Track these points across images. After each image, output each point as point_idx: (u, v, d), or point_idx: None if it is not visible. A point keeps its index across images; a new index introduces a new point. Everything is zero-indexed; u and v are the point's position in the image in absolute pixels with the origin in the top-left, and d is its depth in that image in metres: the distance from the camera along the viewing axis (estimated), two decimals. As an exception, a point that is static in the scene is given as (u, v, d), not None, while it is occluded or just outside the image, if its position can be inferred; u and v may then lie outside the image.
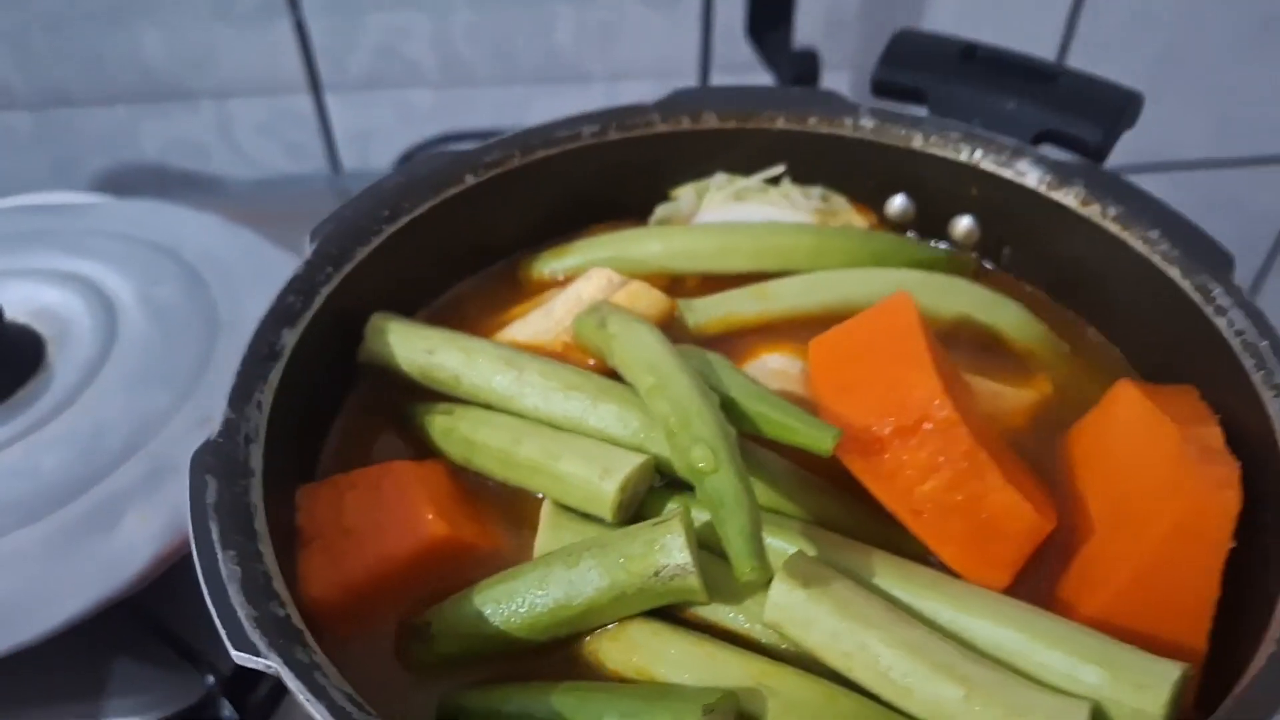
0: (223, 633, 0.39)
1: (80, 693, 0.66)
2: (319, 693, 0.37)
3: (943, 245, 0.71)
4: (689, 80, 1.08)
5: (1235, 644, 0.46)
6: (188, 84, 1.05)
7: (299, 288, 0.56)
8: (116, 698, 0.65)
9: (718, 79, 1.08)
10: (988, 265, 0.71)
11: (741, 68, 1.05)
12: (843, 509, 0.52)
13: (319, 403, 0.58)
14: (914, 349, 0.52)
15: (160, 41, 1.01)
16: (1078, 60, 1.17)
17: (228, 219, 0.86)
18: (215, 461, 0.46)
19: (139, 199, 0.94)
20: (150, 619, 0.68)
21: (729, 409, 0.51)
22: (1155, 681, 0.41)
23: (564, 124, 0.68)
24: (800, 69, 0.96)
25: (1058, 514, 0.52)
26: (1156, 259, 0.59)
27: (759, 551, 0.43)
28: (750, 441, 0.53)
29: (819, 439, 0.47)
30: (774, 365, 0.62)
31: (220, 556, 0.42)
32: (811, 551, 0.48)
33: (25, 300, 0.74)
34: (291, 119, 1.07)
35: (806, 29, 1.01)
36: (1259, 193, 1.34)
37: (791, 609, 0.44)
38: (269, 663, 0.38)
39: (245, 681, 0.66)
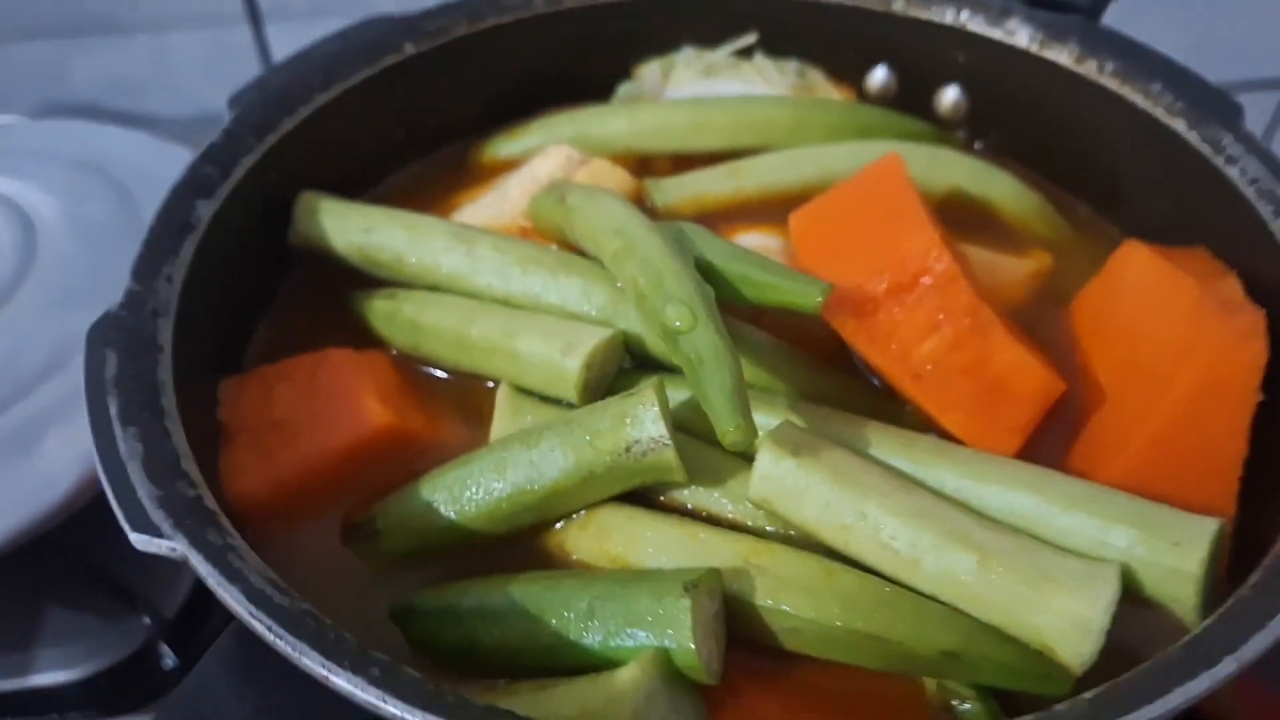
0: (119, 513, 0.33)
1: (8, 645, 0.59)
2: (234, 576, 0.32)
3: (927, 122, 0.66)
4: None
5: (1266, 506, 0.42)
6: (120, 16, 0.97)
7: (216, 157, 0.49)
8: (48, 648, 0.59)
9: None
10: (975, 145, 0.66)
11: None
12: (834, 384, 0.47)
13: (245, 288, 0.52)
14: (907, 204, 0.47)
15: None
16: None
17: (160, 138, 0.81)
18: (116, 335, 0.40)
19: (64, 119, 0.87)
20: (80, 560, 0.61)
21: (706, 273, 0.45)
22: (1191, 538, 0.37)
23: (510, -9, 0.62)
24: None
25: (1066, 386, 0.48)
26: (1159, 113, 0.54)
27: (743, 408, 0.38)
28: (731, 317, 0.47)
29: (807, 294, 0.42)
30: (751, 244, 0.56)
31: (119, 434, 0.36)
32: (801, 423, 0.43)
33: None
34: (231, 52, 0.99)
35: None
36: None
37: (780, 480, 0.39)
38: (173, 545, 0.32)
39: (188, 624, 0.60)
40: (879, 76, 0.66)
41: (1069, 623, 0.35)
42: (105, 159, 0.78)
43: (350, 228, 0.52)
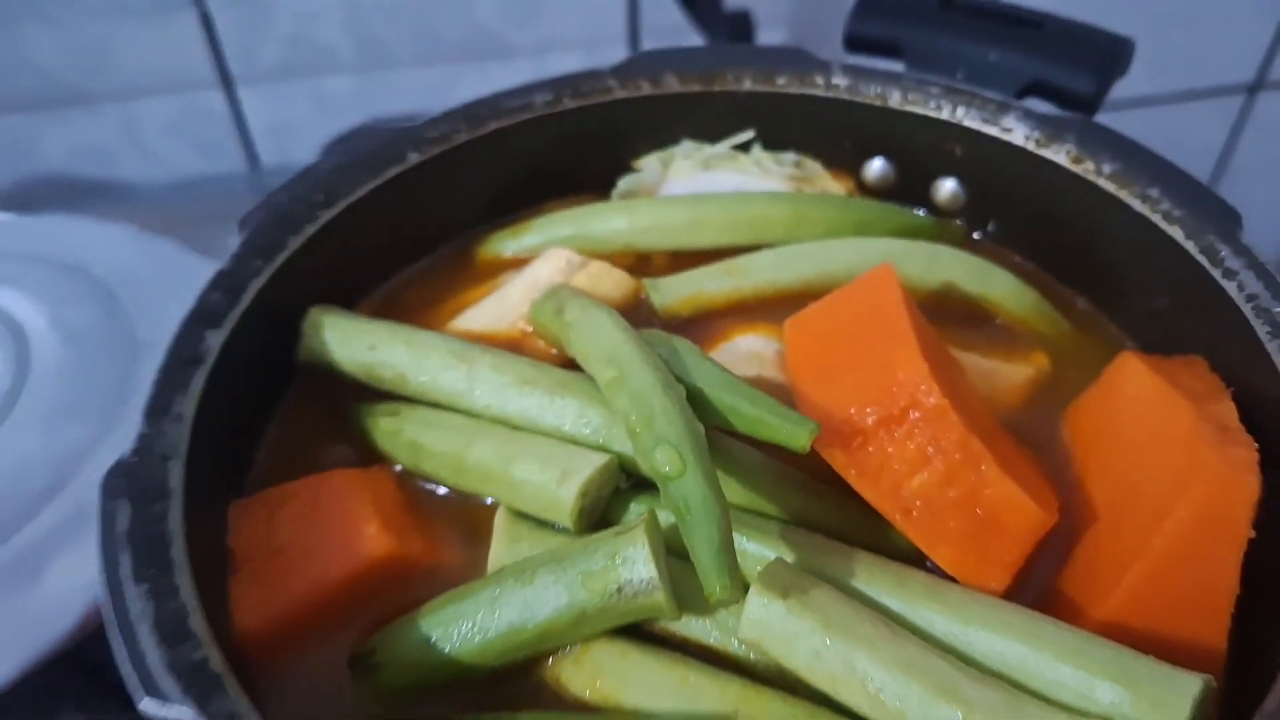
0: (132, 678, 0.35)
1: (27, 755, 0.60)
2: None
3: (925, 212, 0.67)
4: (618, 50, 1.02)
5: (1257, 644, 0.42)
6: (88, 87, 0.98)
7: (224, 284, 0.50)
8: (67, 757, 0.59)
9: (648, 46, 1.03)
10: (974, 235, 0.67)
11: (672, 32, 0.99)
12: (828, 508, 0.48)
13: (251, 408, 0.53)
14: (897, 328, 0.47)
15: (54, 42, 0.95)
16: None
17: (140, 228, 0.80)
18: (128, 484, 0.41)
19: (42, 214, 0.88)
20: (96, 669, 0.62)
21: (697, 402, 0.46)
22: (1176, 698, 0.37)
23: (513, 94, 0.63)
24: (734, 30, 0.91)
25: (1059, 501, 0.48)
26: (1157, 219, 0.55)
27: (730, 566, 0.39)
28: (724, 435, 0.48)
29: (794, 435, 0.43)
30: (748, 347, 0.57)
31: (130, 593, 0.37)
32: (792, 557, 0.44)
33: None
34: (203, 116, 1.02)
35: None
36: (1192, 128, 1.32)
37: (770, 625, 0.40)
38: (180, 712, 0.33)
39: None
40: (877, 168, 0.67)
41: (1052, 783, 0.36)
42: (87, 259, 0.77)
43: (355, 345, 0.53)
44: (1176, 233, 0.54)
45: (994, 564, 0.44)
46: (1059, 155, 0.59)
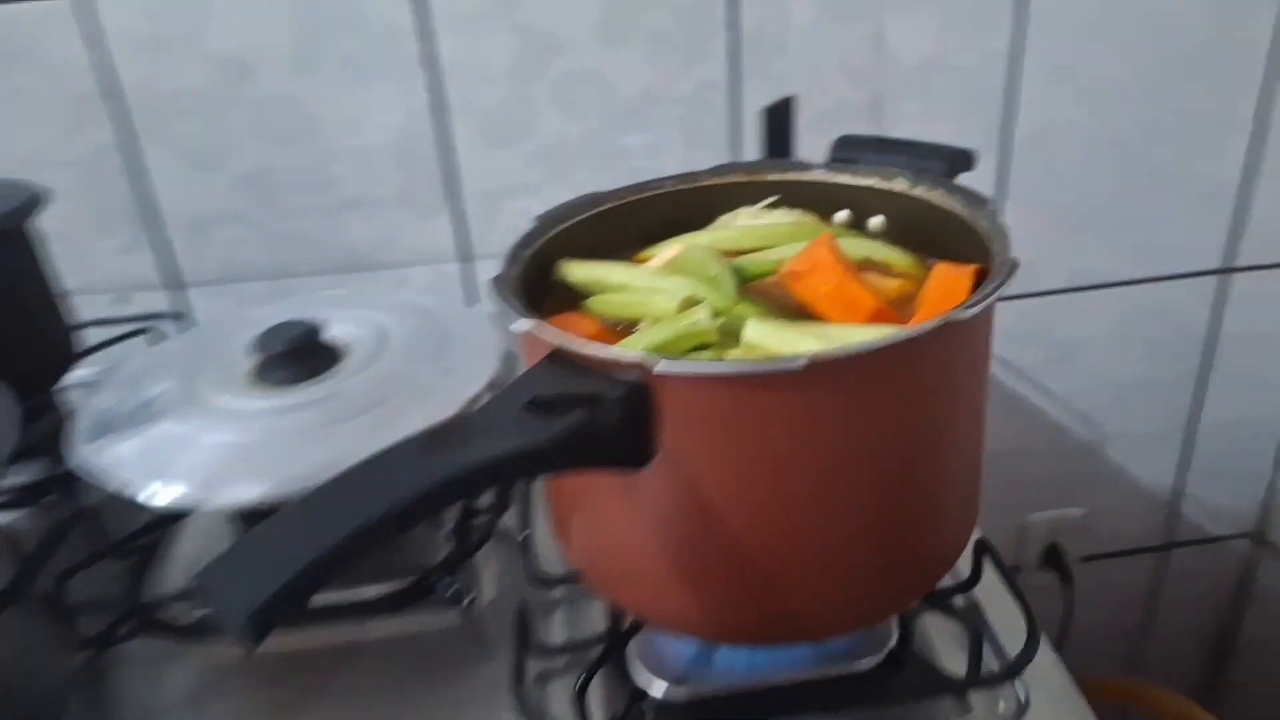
0: (504, 308, 0.95)
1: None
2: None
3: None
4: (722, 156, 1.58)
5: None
6: (378, 258, 1.43)
7: (522, 241, 1.16)
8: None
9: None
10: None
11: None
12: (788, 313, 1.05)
13: (536, 292, 1.16)
14: (824, 245, 1.07)
15: (362, 227, 1.40)
16: (1014, 204, 1.70)
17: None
18: (497, 279, 1.04)
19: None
20: None
21: (736, 269, 1.06)
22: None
23: (654, 180, 1.29)
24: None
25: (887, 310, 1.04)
26: (959, 211, 1.13)
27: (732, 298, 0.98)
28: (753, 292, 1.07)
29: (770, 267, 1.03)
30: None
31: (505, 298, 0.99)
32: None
33: (336, 328, 1.37)
34: (447, 280, 1.48)
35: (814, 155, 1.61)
36: (1181, 306, 1.72)
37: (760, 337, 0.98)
38: (532, 325, 0.93)
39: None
40: (840, 216, 1.28)
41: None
42: (429, 309, 1.46)
43: (580, 271, 1.16)
44: (965, 215, 1.12)
45: (854, 310, 1.00)
46: (919, 192, 1.19)
